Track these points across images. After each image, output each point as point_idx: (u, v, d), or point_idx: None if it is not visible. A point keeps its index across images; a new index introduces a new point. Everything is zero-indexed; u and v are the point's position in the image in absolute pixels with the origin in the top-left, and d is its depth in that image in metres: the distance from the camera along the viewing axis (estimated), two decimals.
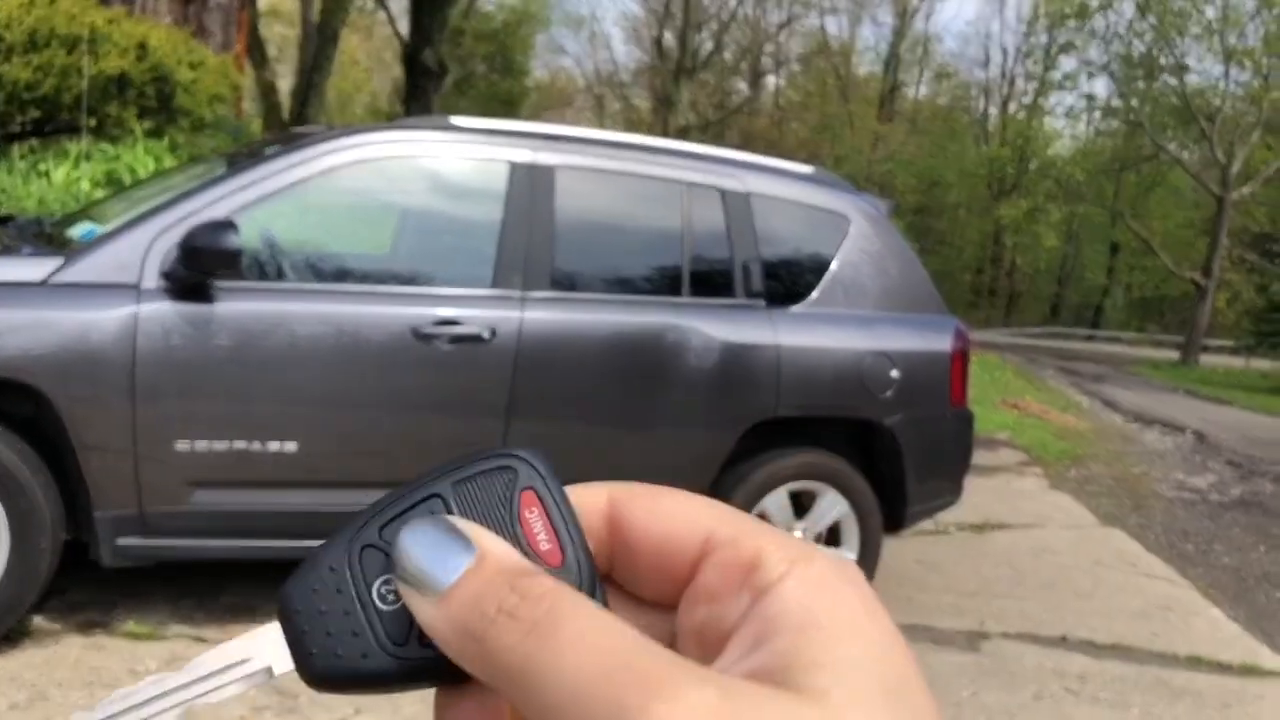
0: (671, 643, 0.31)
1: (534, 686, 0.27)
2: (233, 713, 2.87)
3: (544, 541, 0.32)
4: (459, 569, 0.29)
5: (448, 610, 0.29)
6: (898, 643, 0.28)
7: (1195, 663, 4.11)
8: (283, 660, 0.32)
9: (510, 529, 0.32)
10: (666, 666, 0.26)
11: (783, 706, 0.25)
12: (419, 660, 0.31)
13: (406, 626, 0.31)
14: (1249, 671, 4.09)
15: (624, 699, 0.25)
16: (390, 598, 0.31)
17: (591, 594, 0.32)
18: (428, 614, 0.30)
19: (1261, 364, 26.27)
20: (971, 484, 4.64)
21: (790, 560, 0.29)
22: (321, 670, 0.31)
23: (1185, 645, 4.28)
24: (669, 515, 0.32)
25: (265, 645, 0.32)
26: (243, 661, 0.32)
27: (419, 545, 0.30)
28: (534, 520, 0.32)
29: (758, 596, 0.29)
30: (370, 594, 0.31)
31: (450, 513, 0.32)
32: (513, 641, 0.28)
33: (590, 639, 0.27)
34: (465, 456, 0.33)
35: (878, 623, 0.28)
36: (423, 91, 13.81)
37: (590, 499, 0.34)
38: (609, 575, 0.33)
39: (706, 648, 0.30)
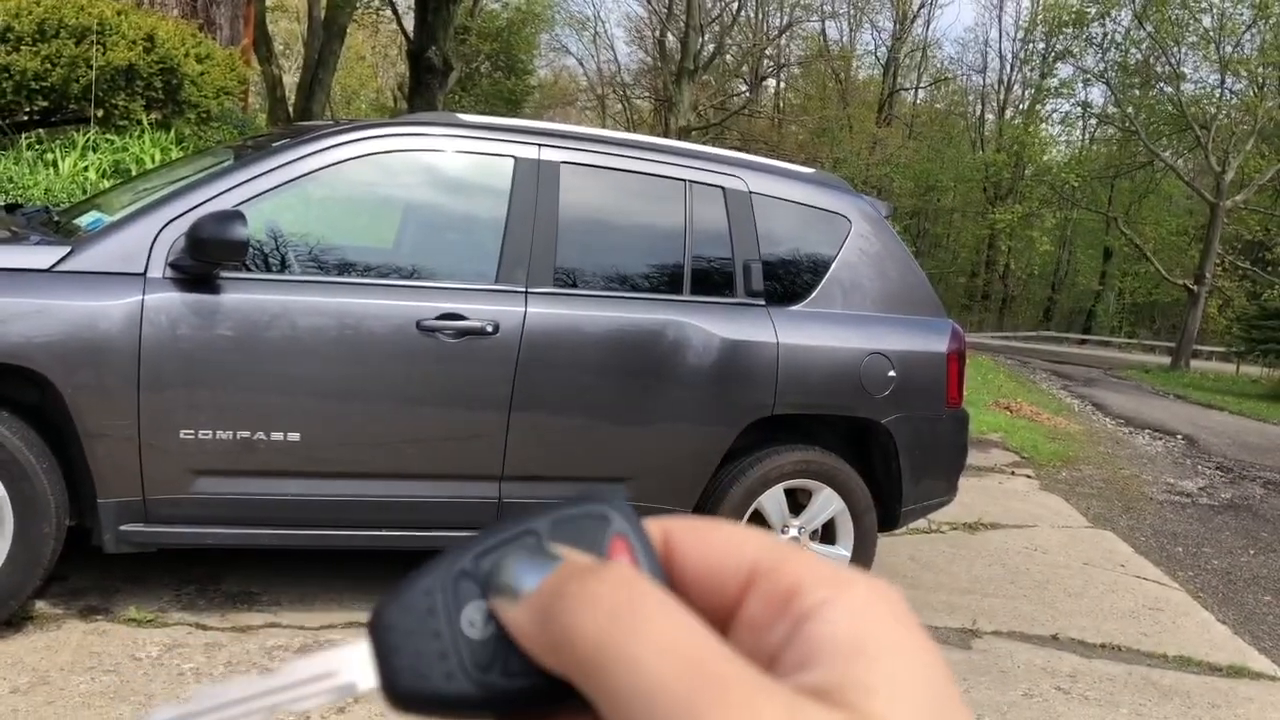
0: None
1: (609, 672, 0.27)
2: None
3: None
4: (545, 574, 0.31)
5: (530, 602, 0.30)
6: (939, 663, 0.29)
7: (1184, 663, 4.15)
8: (367, 677, 0.32)
9: None
10: (739, 674, 0.26)
11: None
12: (500, 689, 0.31)
13: (492, 654, 0.31)
14: (1237, 673, 4.14)
15: (696, 700, 0.26)
16: (479, 624, 0.32)
17: None
18: (511, 614, 0.31)
19: (1252, 370, 26.36)
20: (964, 484, 4.69)
21: (830, 586, 0.29)
22: (406, 688, 0.32)
23: (1174, 646, 4.32)
24: (716, 548, 0.32)
25: (352, 661, 0.33)
26: (329, 674, 0.33)
27: (512, 561, 0.32)
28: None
29: (799, 623, 0.29)
30: (459, 619, 0.32)
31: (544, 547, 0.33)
32: (593, 626, 0.28)
33: (671, 634, 0.27)
34: (563, 501, 0.34)
35: (920, 644, 0.29)
36: (427, 88, 13.77)
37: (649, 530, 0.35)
38: None
39: None
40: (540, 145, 3.67)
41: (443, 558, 0.33)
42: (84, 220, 3.46)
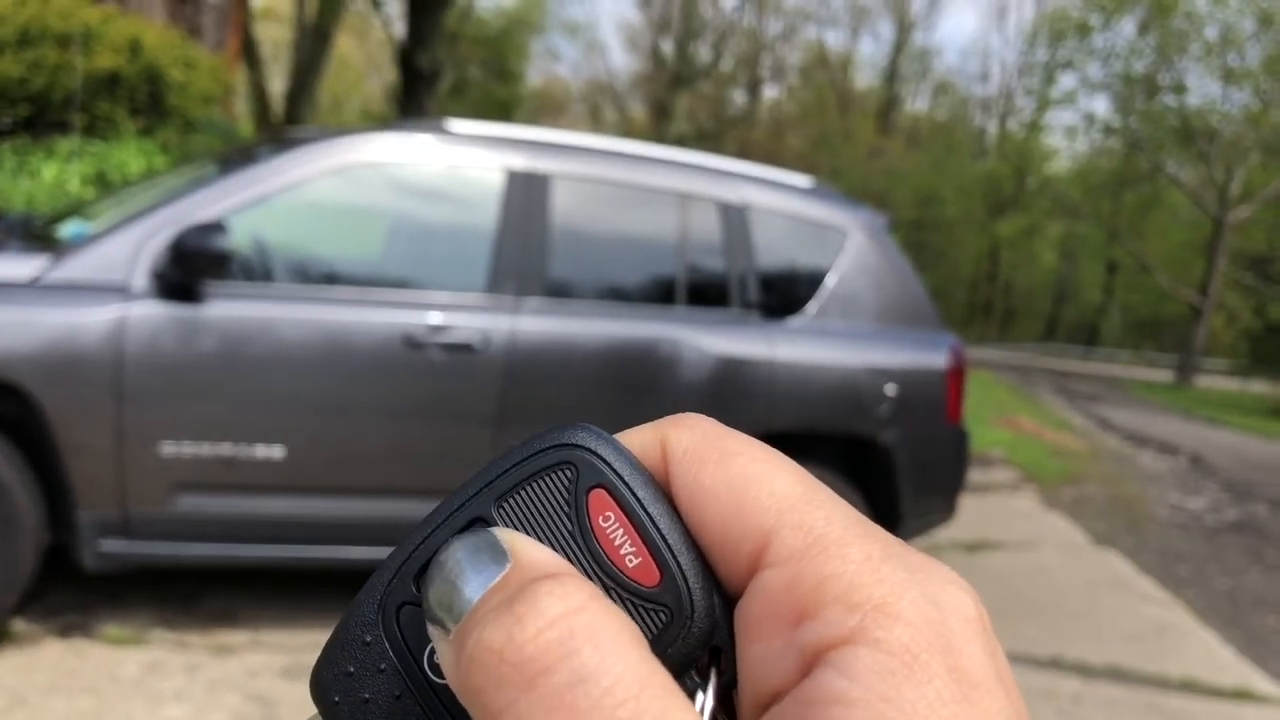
0: None
1: None
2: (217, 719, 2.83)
3: (631, 555, 0.25)
4: (483, 588, 0.22)
5: (455, 636, 0.22)
6: None
7: (1189, 686, 4.07)
8: None
9: (584, 547, 0.25)
10: None
11: None
12: None
13: None
14: (1242, 696, 4.06)
15: None
16: None
17: (708, 624, 0.24)
18: (441, 654, 0.23)
19: (1258, 386, 26.29)
20: (965, 502, 4.61)
21: (860, 613, 0.21)
22: None
23: (1178, 668, 4.24)
24: (726, 495, 0.24)
25: None
26: None
27: (447, 567, 0.23)
28: (611, 529, 0.25)
29: (807, 664, 0.21)
30: (423, 666, 0.25)
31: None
32: (503, 703, 0.19)
33: (576, 699, 0.19)
34: (506, 458, 0.25)
35: None
36: (416, 95, 13.75)
37: (638, 449, 0.26)
38: None
39: (756, 703, 0.23)
40: (532, 154, 3.61)
41: (369, 588, 0.25)
42: (67, 230, 3.41)
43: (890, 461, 3.97)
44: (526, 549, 0.23)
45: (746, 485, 0.24)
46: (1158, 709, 3.80)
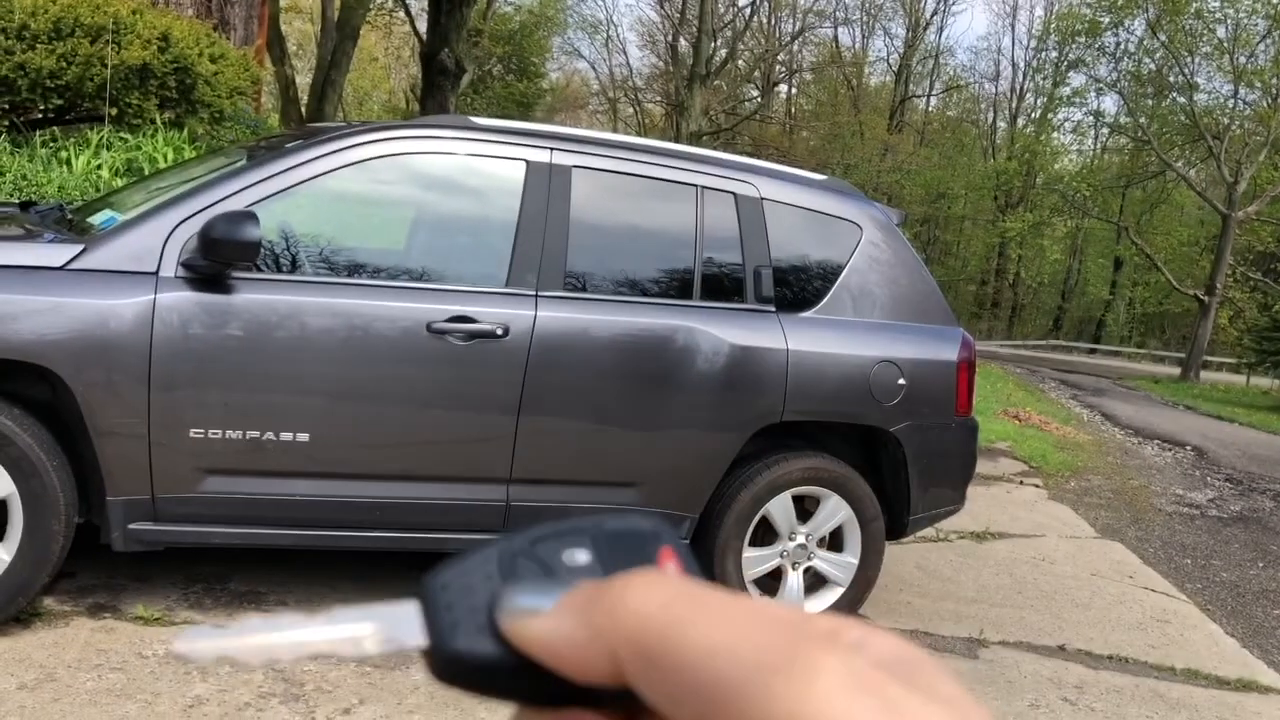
0: None
1: (684, 642, 0.26)
2: (239, 698, 2.90)
3: None
4: (560, 594, 0.31)
5: (561, 608, 0.29)
6: None
7: (1192, 676, 4.13)
8: (415, 634, 0.32)
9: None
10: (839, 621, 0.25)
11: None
12: None
13: None
14: (1246, 687, 4.12)
15: (799, 641, 0.24)
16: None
17: None
18: (535, 625, 0.30)
19: (1262, 381, 26.27)
20: (972, 493, 4.67)
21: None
22: (460, 646, 0.31)
23: (1182, 658, 4.30)
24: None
25: (399, 618, 0.33)
26: (374, 628, 0.33)
27: (521, 585, 0.32)
28: (669, 570, 0.34)
29: None
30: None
31: (596, 549, 0.34)
32: (656, 604, 0.27)
33: (743, 602, 0.27)
34: (611, 515, 0.35)
35: None
36: (439, 90, 13.79)
37: None
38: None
39: None
40: (552, 149, 3.67)
41: (495, 541, 0.34)
42: (97, 218, 3.47)
43: (901, 452, 4.03)
44: (589, 583, 0.31)
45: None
46: (1161, 697, 3.85)
